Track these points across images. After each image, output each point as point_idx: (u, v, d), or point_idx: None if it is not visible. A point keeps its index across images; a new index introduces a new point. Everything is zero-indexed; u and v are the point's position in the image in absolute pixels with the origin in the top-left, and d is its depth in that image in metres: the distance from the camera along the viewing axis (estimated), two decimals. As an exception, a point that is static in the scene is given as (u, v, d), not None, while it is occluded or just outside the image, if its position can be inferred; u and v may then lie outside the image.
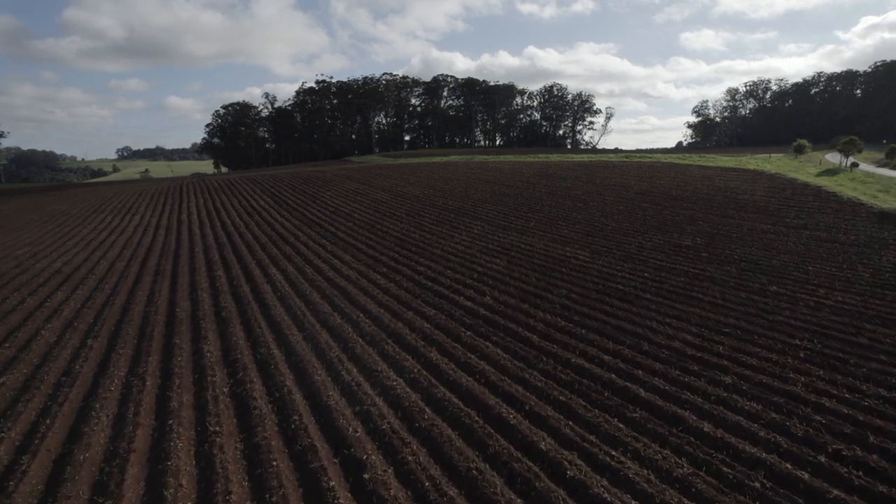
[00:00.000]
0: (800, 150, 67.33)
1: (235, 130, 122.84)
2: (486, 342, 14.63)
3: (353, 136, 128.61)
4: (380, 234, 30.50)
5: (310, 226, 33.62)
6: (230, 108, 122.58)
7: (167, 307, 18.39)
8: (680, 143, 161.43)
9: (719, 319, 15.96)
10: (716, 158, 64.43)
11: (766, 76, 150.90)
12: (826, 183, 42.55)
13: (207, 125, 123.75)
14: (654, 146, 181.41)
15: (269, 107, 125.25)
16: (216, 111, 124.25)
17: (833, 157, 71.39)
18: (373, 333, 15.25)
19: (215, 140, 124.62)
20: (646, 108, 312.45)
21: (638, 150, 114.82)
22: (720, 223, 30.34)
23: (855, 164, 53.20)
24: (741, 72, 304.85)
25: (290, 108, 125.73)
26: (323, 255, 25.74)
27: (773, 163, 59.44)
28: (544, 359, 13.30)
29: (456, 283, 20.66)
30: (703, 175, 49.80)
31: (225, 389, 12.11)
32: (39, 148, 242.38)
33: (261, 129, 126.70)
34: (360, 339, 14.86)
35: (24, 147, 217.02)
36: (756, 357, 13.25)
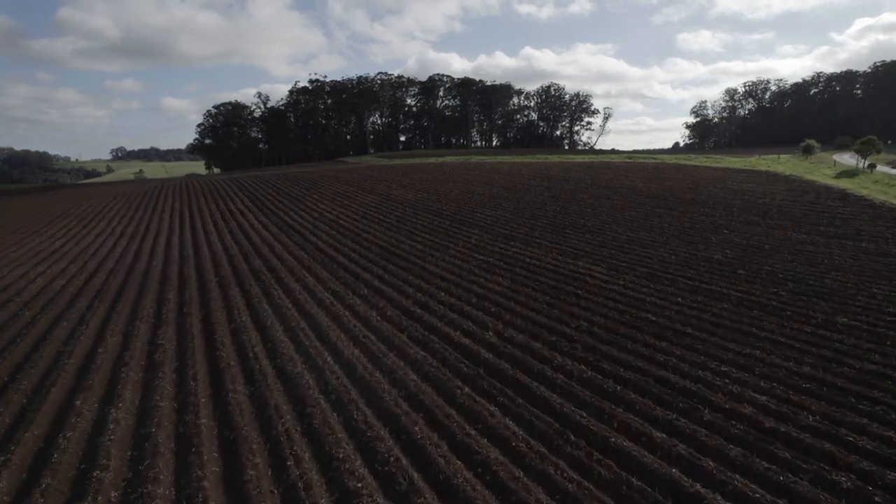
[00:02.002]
0: (808, 151, 63.76)
1: (227, 131, 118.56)
2: (491, 405, 10.74)
3: (348, 137, 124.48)
4: (365, 244, 26.58)
5: (288, 234, 29.66)
6: (222, 109, 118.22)
7: (90, 345, 14.43)
8: (677, 144, 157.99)
9: (790, 367, 12.13)
10: (722, 159, 60.84)
11: (762, 77, 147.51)
12: (849, 185, 38.92)
13: (199, 125, 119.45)
14: (651, 147, 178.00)
15: (262, 107, 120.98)
16: (208, 111, 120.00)
17: (840, 158, 68.10)
18: (341, 391, 11.34)
19: (207, 141, 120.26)
20: (642, 108, 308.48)
21: (636, 151, 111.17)
22: (747, 232, 26.58)
23: (872, 166, 49.62)
24: (737, 73, 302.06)
25: (283, 108, 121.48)
26: (297, 271, 21.80)
27: (783, 164, 55.86)
28: (572, 438, 9.42)
29: (451, 309, 16.77)
30: (714, 177, 46.15)
31: (113, 495, 8.19)
32: (33, 148, 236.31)
33: (253, 129, 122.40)
34: (322, 401, 10.96)
35: (18, 147, 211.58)
36: (867, 436, 9.41)
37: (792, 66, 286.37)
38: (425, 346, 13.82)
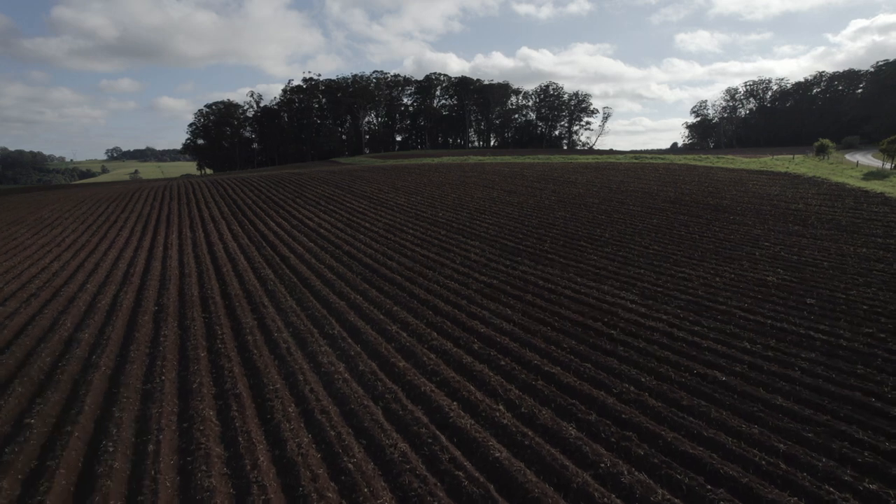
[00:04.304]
0: (822, 151, 59.61)
1: (220, 131, 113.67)
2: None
3: (343, 137, 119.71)
4: (346, 259, 22.07)
5: (259, 247, 25.11)
6: (214, 108, 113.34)
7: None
8: (675, 144, 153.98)
9: (969, 481, 7.70)
10: (735, 160, 56.47)
11: (759, 77, 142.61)
12: (885, 188, 34.58)
13: (190, 125, 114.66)
14: (648, 147, 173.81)
15: (255, 106, 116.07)
16: (199, 110, 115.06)
17: (852, 157, 64.33)
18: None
19: (200, 141, 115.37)
20: (640, 109, 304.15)
21: (639, 151, 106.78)
22: (793, 244, 22.20)
23: (899, 167, 45.38)
24: (734, 73, 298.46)
25: (276, 107, 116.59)
26: (257, 297, 17.28)
27: (800, 164, 51.52)
28: None
29: (446, 361, 12.29)
30: (731, 179, 41.78)
31: None
32: (28, 149, 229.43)
33: (247, 129, 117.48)
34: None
35: (13, 148, 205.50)
36: None
37: (789, 66, 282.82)
38: (408, 433, 9.33)
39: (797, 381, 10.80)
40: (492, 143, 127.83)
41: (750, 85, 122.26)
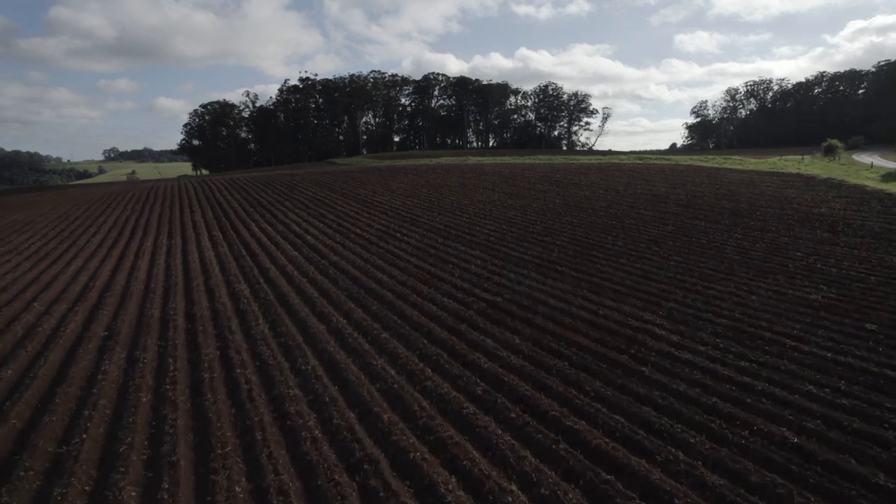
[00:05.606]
0: (831, 152, 57.27)
1: (215, 131, 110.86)
2: None
3: (340, 137, 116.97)
4: (332, 270, 19.54)
5: (238, 256, 22.56)
6: (209, 108, 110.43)
7: None
8: (674, 145, 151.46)
9: None
10: (743, 160, 54.08)
11: (757, 78, 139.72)
12: (909, 191, 32.16)
13: (185, 125, 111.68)
14: (647, 148, 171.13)
15: (251, 106, 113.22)
16: (195, 110, 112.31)
17: (860, 158, 62.17)
18: None
19: (195, 141, 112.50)
20: (639, 110, 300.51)
21: (641, 151, 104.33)
22: (828, 255, 19.78)
23: (916, 167, 43.02)
24: (733, 74, 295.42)
25: (273, 107, 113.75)
26: (225, 319, 14.75)
27: (811, 165, 49.16)
28: None
29: (441, 409, 9.78)
30: (742, 180, 39.39)
31: None
32: (26, 149, 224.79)
33: (243, 129, 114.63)
34: None
35: (10, 148, 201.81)
36: None
37: (787, 67, 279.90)
38: (389, 531, 6.83)
39: (893, 443, 8.32)
40: (490, 144, 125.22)
41: (751, 85, 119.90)
